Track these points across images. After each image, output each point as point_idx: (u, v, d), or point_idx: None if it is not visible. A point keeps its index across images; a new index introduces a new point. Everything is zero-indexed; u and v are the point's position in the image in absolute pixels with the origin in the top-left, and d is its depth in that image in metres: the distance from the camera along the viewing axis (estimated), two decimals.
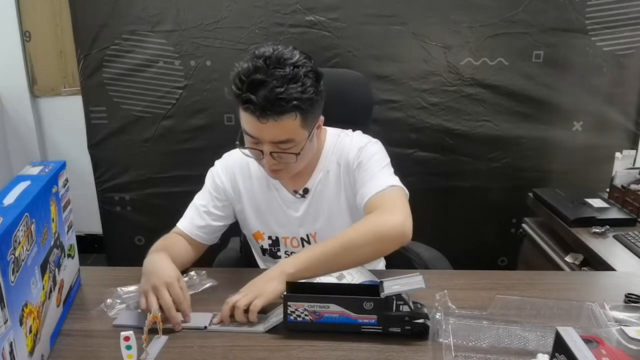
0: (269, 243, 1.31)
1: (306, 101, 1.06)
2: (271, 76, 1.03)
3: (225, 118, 2.16)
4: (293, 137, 1.09)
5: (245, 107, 1.06)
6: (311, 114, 1.10)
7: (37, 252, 0.86)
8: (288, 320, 0.96)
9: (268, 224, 1.30)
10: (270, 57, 1.05)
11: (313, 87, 1.07)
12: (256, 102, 1.03)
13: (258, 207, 1.29)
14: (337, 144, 1.26)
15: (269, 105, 1.03)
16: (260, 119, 1.05)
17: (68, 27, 2.22)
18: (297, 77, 1.05)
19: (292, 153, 1.11)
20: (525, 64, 2.07)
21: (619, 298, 1.07)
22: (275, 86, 1.02)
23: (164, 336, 0.96)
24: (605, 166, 2.04)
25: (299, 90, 1.04)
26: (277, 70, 1.04)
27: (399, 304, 0.94)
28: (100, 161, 2.28)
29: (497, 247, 2.33)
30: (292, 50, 1.09)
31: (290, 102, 1.03)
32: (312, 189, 1.26)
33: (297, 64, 1.06)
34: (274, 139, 1.09)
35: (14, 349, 0.75)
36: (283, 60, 1.05)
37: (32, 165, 1.00)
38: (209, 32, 2.06)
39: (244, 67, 1.06)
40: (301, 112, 1.06)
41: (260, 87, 1.03)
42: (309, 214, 1.27)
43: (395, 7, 2.01)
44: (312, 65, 1.09)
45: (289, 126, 1.07)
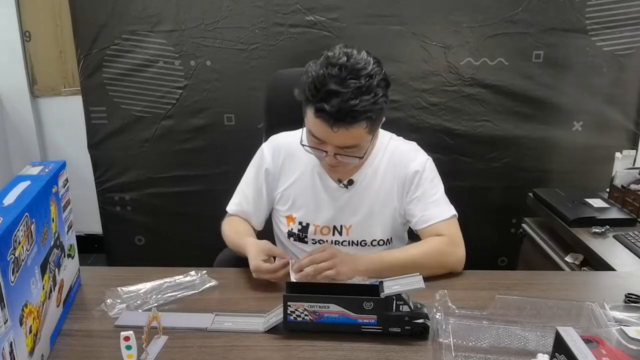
0: (298, 228, 1.32)
1: (377, 111, 1.11)
2: (346, 87, 1.06)
3: (225, 118, 2.16)
4: (359, 143, 1.14)
5: (318, 115, 1.09)
6: (379, 120, 1.16)
7: (37, 252, 0.86)
8: (288, 320, 0.96)
9: (303, 209, 1.31)
10: (345, 66, 1.07)
11: (384, 97, 1.11)
12: (329, 111, 1.06)
13: (299, 191, 1.31)
14: (391, 146, 1.30)
15: (342, 115, 1.06)
16: (332, 127, 1.08)
17: (68, 27, 2.22)
18: (371, 88, 1.07)
19: (355, 157, 1.16)
20: (525, 64, 2.07)
21: (619, 298, 1.07)
22: (349, 98, 1.05)
23: (164, 336, 0.96)
24: (605, 166, 2.04)
25: (372, 102, 1.08)
26: (351, 81, 1.06)
27: (398, 304, 0.94)
28: (100, 161, 2.28)
29: (497, 247, 2.33)
30: (365, 57, 1.10)
31: (363, 114, 1.07)
32: (358, 182, 1.28)
33: (370, 73, 1.08)
34: (341, 144, 1.13)
35: (14, 349, 0.75)
36: (357, 70, 1.07)
37: (32, 165, 1.00)
38: (209, 32, 2.06)
39: (319, 74, 1.08)
40: (371, 121, 1.11)
41: (334, 97, 1.06)
42: (349, 205, 1.29)
43: (395, 7, 2.01)
44: (383, 73, 1.12)
45: (357, 134, 1.11)
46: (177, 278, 1.16)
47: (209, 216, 1.47)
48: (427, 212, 1.25)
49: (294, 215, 1.32)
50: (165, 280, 1.15)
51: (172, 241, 2.33)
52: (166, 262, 1.26)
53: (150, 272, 1.20)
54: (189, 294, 1.11)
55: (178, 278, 1.16)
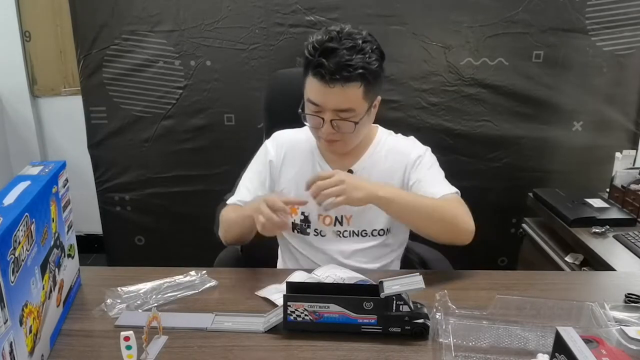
0: (300, 218, 1.33)
1: (371, 72, 1.15)
2: (342, 45, 1.13)
3: (225, 118, 2.16)
4: (355, 107, 1.16)
5: (316, 72, 1.14)
6: (373, 87, 1.18)
7: (37, 252, 0.86)
8: (288, 320, 0.96)
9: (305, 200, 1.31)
10: (342, 31, 1.16)
11: (377, 62, 1.16)
12: (327, 66, 1.11)
13: (300, 181, 1.31)
14: (390, 139, 1.34)
15: (338, 70, 1.11)
16: (329, 83, 1.13)
17: (68, 27, 2.22)
18: (365, 49, 1.14)
19: (352, 121, 1.17)
20: (525, 64, 2.07)
21: (619, 298, 1.07)
22: (345, 54, 1.12)
23: (164, 336, 0.96)
24: (605, 166, 2.04)
25: (366, 61, 1.13)
26: (347, 40, 1.14)
27: (398, 304, 0.94)
28: (100, 161, 2.28)
29: (497, 247, 2.33)
30: (361, 30, 1.19)
31: (357, 70, 1.12)
32: (357, 172, 1.29)
33: (366, 39, 1.16)
34: (337, 107, 1.16)
35: (14, 349, 0.75)
36: (354, 34, 1.16)
37: (32, 165, 1.00)
38: (209, 32, 2.06)
39: (318, 38, 1.16)
40: (365, 82, 1.14)
41: (331, 53, 1.12)
42: None
43: (395, 7, 2.01)
44: (378, 44, 1.20)
45: (353, 94, 1.15)
46: (177, 278, 1.16)
47: (209, 216, 1.47)
48: (434, 189, 1.25)
49: (296, 207, 1.33)
50: (165, 280, 1.15)
51: (172, 241, 2.33)
52: (166, 262, 1.25)
53: (150, 272, 1.20)
54: (189, 294, 1.11)
55: (178, 278, 1.16)
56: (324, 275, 1.15)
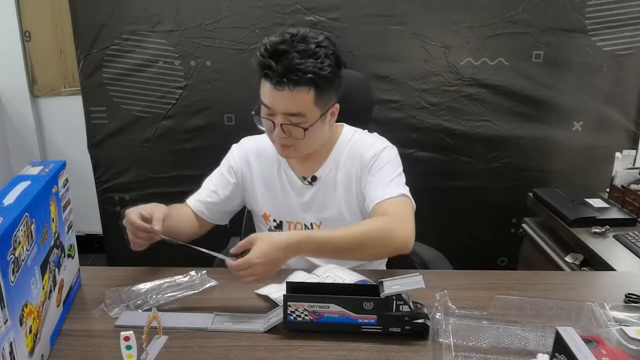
0: (274, 225, 1.34)
1: (322, 78, 1.11)
2: (294, 48, 1.10)
3: (225, 118, 2.16)
4: (304, 112, 1.14)
5: (265, 74, 1.12)
6: (326, 94, 1.15)
7: (37, 252, 0.86)
8: (288, 320, 0.96)
9: (275, 207, 1.33)
10: (297, 34, 1.13)
11: (330, 68, 1.13)
12: (275, 69, 1.10)
13: (267, 188, 1.33)
14: (353, 140, 1.30)
15: (286, 73, 1.09)
16: (276, 86, 1.11)
17: (68, 27, 2.22)
18: (318, 54, 1.11)
19: (301, 127, 1.15)
20: (525, 64, 2.07)
21: (619, 298, 1.07)
22: (295, 57, 1.09)
23: (164, 336, 0.96)
24: (605, 166, 2.04)
25: (317, 67, 1.10)
26: (300, 44, 1.11)
27: (398, 304, 0.94)
28: (100, 161, 2.28)
29: (497, 247, 2.33)
30: (320, 34, 1.16)
31: (306, 74, 1.09)
32: (321, 177, 1.29)
33: (321, 44, 1.13)
34: (286, 110, 1.13)
35: (14, 349, 0.75)
36: (308, 38, 1.13)
37: (32, 165, 1.00)
38: (209, 32, 2.06)
39: (272, 39, 1.14)
40: (315, 87, 1.12)
41: (281, 56, 1.10)
42: (315, 201, 1.29)
43: (395, 7, 2.01)
44: (335, 50, 1.16)
45: (302, 99, 1.12)
46: (177, 278, 1.17)
47: None
48: (376, 192, 1.21)
49: (267, 214, 1.34)
50: (165, 280, 1.15)
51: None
52: (166, 262, 1.25)
53: (150, 272, 1.21)
54: (189, 294, 1.11)
55: (178, 278, 1.17)
56: (324, 275, 1.15)
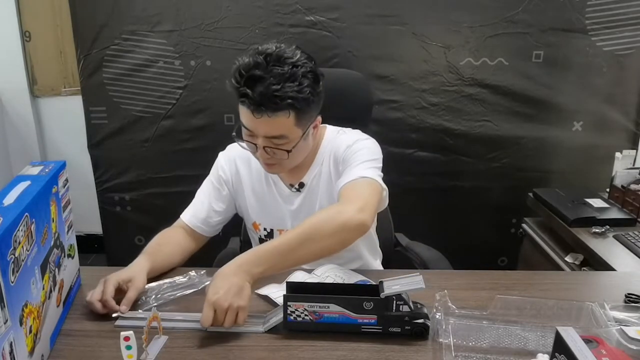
0: (264, 234, 1.34)
1: (302, 101, 1.08)
2: (269, 73, 1.05)
3: (225, 118, 2.16)
4: (286, 134, 1.11)
5: (242, 101, 1.09)
6: (306, 114, 1.12)
7: (37, 252, 0.86)
8: (288, 321, 0.96)
9: (264, 215, 1.32)
10: (271, 55, 1.07)
11: (310, 88, 1.09)
12: (252, 97, 1.05)
13: (256, 197, 1.32)
14: (333, 141, 1.27)
15: (265, 101, 1.05)
16: (254, 113, 1.07)
17: (68, 27, 2.22)
18: (295, 76, 1.06)
19: (284, 150, 1.13)
20: (525, 64, 2.07)
21: (619, 298, 1.07)
22: (272, 83, 1.05)
23: (164, 336, 0.96)
24: (605, 166, 2.04)
25: (295, 90, 1.06)
26: (275, 67, 1.06)
27: (398, 304, 0.94)
28: (100, 161, 2.28)
29: (497, 247, 2.33)
30: (294, 50, 1.10)
31: (284, 100, 1.05)
32: (308, 183, 1.28)
33: (296, 63, 1.08)
34: (267, 134, 1.11)
35: (14, 349, 0.75)
36: (283, 58, 1.07)
37: (32, 165, 1.00)
38: (209, 32, 2.06)
39: (245, 62, 1.08)
40: (296, 110, 1.08)
41: (257, 82, 1.05)
42: (304, 208, 1.28)
43: (395, 7, 2.01)
44: (312, 66, 1.11)
45: (282, 123, 1.09)
46: (177, 278, 1.16)
47: None
48: (339, 179, 1.17)
49: (257, 222, 1.33)
50: (165, 281, 1.15)
51: None
52: None
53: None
54: (188, 294, 1.11)
55: (178, 278, 1.16)
56: (324, 275, 1.14)
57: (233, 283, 0.96)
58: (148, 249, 1.20)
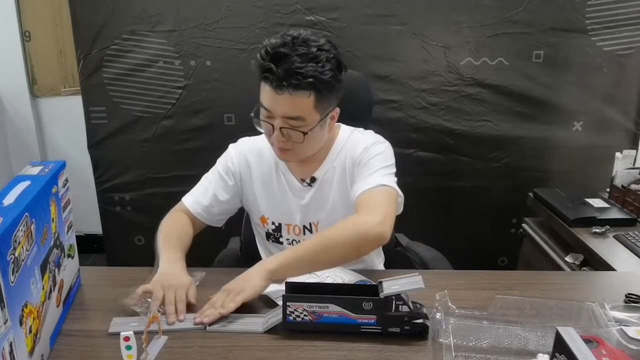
0: (272, 228, 1.33)
1: (323, 82, 1.10)
2: (295, 52, 1.09)
3: (225, 118, 2.16)
4: (304, 116, 1.12)
5: (265, 77, 1.11)
6: (326, 98, 1.14)
7: (37, 252, 0.86)
8: (287, 321, 0.96)
9: (273, 209, 1.32)
10: (298, 37, 1.11)
11: (331, 72, 1.11)
12: (275, 72, 1.08)
13: (266, 191, 1.32)
14: (349, 140, 1.29)
15: (287, 77, 1.08)
16: (276, 90, 1.09)
17: (68, 27, 2.22)
18: (319, 58, 1.09)
19: (300, 131, 1.14)
20: (525, 64, 2.07)
21: (619, 298, 1.07)
22: (296, 61, 1.08)
23: (164, 336, 0.96)
24: (605, 166, 2.04)
25: (318, 71, 1.09)
26: (301, 47, 1.09)
27: (398, 304, 0.94)
28: (100, 161, 2.28)
29: (497, 247, 2.33)
30: (321, 37, 1.14)
31: (306, 79, 1.08)
32: (320, 178, 1.28)
33: (322, 47, 1.11)
34: (285, 114, 1.12)
35: (14, 349, 0.75)
36: (310, 41, 1.11)
37: (32, 165, 1.00)
38: (209, 32, 2.06)
39: (272, 42, 1.12)
40: (316, 91, 1.10)
41: (282, 59, 1.08)
42: (314, 203, 1.29)
43: (395, 7, 2.01)
44: (336, 53, 1.14)
45: (302, 103, 1.11)
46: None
47: None
48: (356, 185, 1.20)
49: (265, 216, 1.33)
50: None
51: None
52: None
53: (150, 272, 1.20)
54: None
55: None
56: (323, 275, 1.15)
57: (247, 275, 1.05)
58: (172, 242, 1.22)
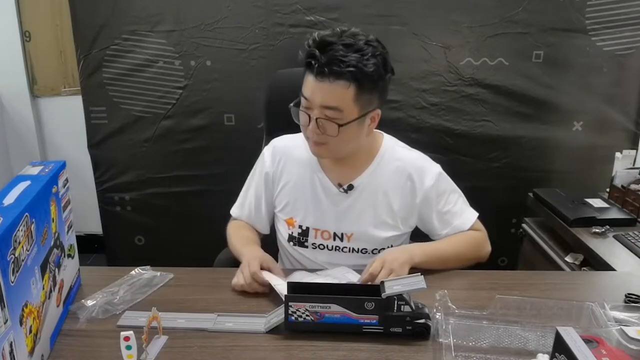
0: (298, 232, 1.31)
1: (364, 75, 1.10)
2: (341, 41, 1.10)
3: (225, 118, 2.16)
4: (342, 107, 1.12)
5: (308, 63, 1.12)
6: (366, 93, 1.13)
7: (37, 252, 0.86)
8: (289, 321, 0.96)
9: (303, 212, 1.30)
10: (348, 30, 1.14)
11: (375, 67, 1.11)
12: (319, 58, 1.09)
13: (297, 193, 1.31)
14: (396, 153, 1.29)
15: (329, 63, 1.08)
16: (317, 76, 1.10)
17: (68, 27, 2.22)
18: (364, 51, 1.10)
19: (336, 122, 1.13)
20: (525, 64, 2.07)
21: (619, 298, 1.07)
22: (340, 49, 1.09)
23: (164, 336, 0.96)
24: (605, 166, 2.04)
25: (361, 62, 1.09)
26: (348, 38, 1.11)
27: (400, 304, 0.94)
28: (100, 161, 2.28)
29: (497, 247, 2.30)
30: (370, 35, 1.15)
31: (348, 67, 1.08)
32: (358, 187, 1.26)
33: (370, 42, 1.12)
34: (324, 103, 1.12)
35: (14, 349, 0.75)
36: (358, 35, 1.13)
37: (32, 165, 1.00)
38: (209, 32, 2.06)
39: (322, 32, 1.14)
40: (356, 83, 1.10)
41: (327, 47, 1.10)
42: (350, 212, 1.27)
43: (395, 7, 2.01)
44: (383, 51, 1.15)
45: (340, 93, 1.10)
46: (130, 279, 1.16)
47: (208, 216, 1.47)
48: (457, 221, 1.29)
49: (294, 219, 1.31)
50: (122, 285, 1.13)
51: (172, 241, 2.33)
52: (166, 262, 1.25)
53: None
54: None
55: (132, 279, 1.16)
56: (324, 274, 1.15)
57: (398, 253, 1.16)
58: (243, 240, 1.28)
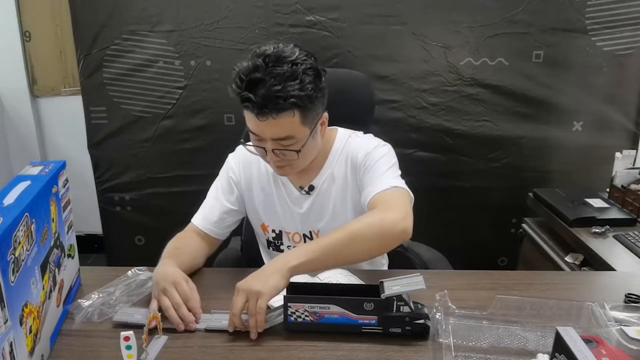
0: (272, 236, 1.33)
1: (305, 98, 1.06)
2: (269, 74, 1.04)
3: (225, 118, 2.16)
4: (293, 134, 1.10)
5: (245, 106, 1.08)
6: (311, 111, 1.11)
7: (37, 252, 0.86)
8: (288, 321, 0.96)
9: (273, 217, 1.31)
10: (269, 56, 1.06)
11: (312, 84, 1.07)
12: (254, 100, 1.04)
13: (265, 199, 1.31)
14: (347, 145, 1.27)
15: (267, 102, 1.04)
16: (259, 116, 1.06)
17: (68, 27, 2.22)
18: (296, 74, 1.05)
19: (293, 150, 1.12)
20: (525, 64, 2.07)
21: (619, 298, 1.07)
22: (273, 84, 1.03)
23: (164, 336, 0.96)
24: (605, 166, 2.04)
25: (297, 88, 1.05)
26: (275, 68, 1.05)
27: (399, 304, 0.94)
28: (100, 161, 2.28)
29: (497, 247, 2.33)
30: (292, 48, 1.10)
31: (287, 100, 1.04)
32: (318, 186, 1.27)
33: (296, 61, 1.07)
34: (274, 136, 1.10)
35: (14, 349, 0.75)
36: (282, 58, 1.06)
37: (32, 165, 1.00)
38: (209, 32, 2.06)
39: (244, 66, 1.08)
40: (300, 109, 1.07)
41: (258, 85, 1.04)
42: (313, 211, 1.28)
43: (395, 7, 2.01)
44: (312, 62, 1.10)
45: (288, 124, 1.08)
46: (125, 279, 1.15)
47: None
48: (368, 188, 1.17)
49: (266, 224, 1.33)
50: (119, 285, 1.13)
51: None
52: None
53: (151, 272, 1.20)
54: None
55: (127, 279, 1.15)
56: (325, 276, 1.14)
57: (266, 272, 0.99)
58: (167, 254, 1.19)
